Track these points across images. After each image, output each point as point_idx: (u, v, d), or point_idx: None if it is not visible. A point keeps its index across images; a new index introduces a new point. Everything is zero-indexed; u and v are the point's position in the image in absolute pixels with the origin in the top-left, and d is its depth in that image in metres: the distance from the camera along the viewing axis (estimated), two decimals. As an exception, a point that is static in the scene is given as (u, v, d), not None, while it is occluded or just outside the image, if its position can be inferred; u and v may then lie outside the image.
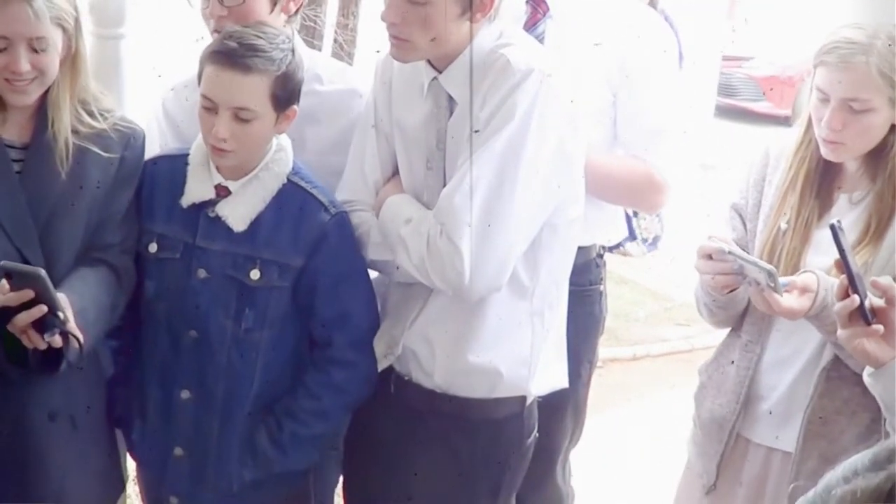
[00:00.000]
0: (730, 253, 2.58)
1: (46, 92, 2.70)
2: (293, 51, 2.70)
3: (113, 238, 2.81)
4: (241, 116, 2.65)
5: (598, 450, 5.19)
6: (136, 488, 3.39)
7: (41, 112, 2.71)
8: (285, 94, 2.68)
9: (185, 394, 2.83)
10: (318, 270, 2.76)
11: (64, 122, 2.70)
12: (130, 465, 3.28)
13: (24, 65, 2.60)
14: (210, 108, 2.67)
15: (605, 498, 5.03)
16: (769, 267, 2.52)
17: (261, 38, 2.66)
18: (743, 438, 2.87)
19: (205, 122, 2.69)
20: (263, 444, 2.83)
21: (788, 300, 2.54)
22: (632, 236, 8.30)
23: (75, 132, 2.72)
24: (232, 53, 2.64)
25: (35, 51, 2.61)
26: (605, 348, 6.30)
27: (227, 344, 2.79)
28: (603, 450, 5.34)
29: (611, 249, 3.61)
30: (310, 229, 2.75)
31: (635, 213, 7.58)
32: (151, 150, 2.92)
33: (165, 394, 2.86)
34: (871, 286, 2.29)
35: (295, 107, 2.73)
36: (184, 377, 2.83)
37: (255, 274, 2.75)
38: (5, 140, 2.71)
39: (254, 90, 2.64)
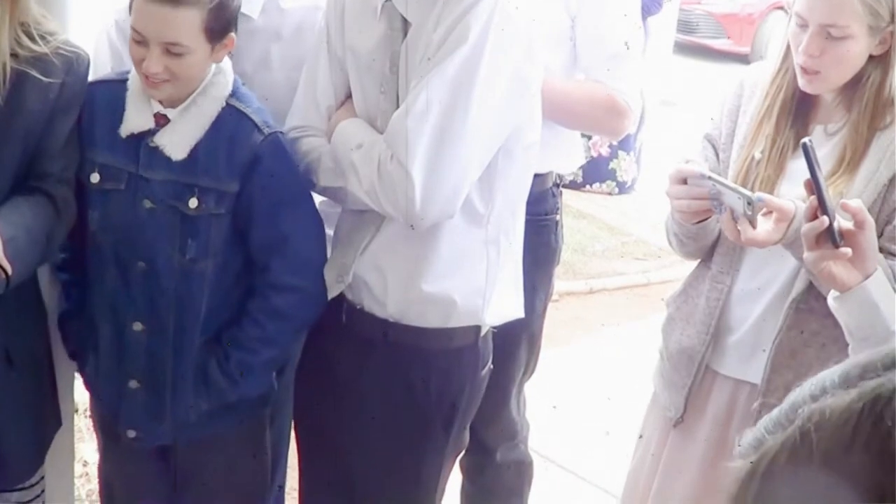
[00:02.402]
0: (709, 178, 2.54)
1: None
2: None
3: (51, 167, 2.72)
4: (172, 51, 2.58)
5: (555, 383, 5.19)
6: (89, 422, 3.37)
7: None
8: (219, 25, 2.60)
9: (137, 325, 2.79)
10: (253, 194, 2.71)
11: (2, 46, 2.60)
12: (79, 398, 3.25)
13: None
14: (140, 41, 2.59)
15: (562, 430, 5.04)
16: (749, 193, 2.48)
17: None
18: (711, 370, 2.84)
19: (135, 55, 2.62)
20: (214, 373, 2.80)
21: (760, 229, 2.50)
22: (606, 176, 8.36)
23: (14, 56, 2.62)
24: None
25: None
26: (561, 282, 6.33)
27: (175, 274, 2.74)
28: (560, 383, 5.35)
29: (579, 187, 3.59)
30: (243, 152, 2.69)
31: (615, 155, 7.61)
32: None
33: (117, 326, 2.81)
34: (841, 208, 2.27)
35: (232, 34, 2.65)
36: (135, 309, 2.79)
37: (193, 202, 2.69)
38: None
39: (184, 25, 2.56)
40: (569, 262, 6.95)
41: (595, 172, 7.95)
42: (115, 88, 2.75)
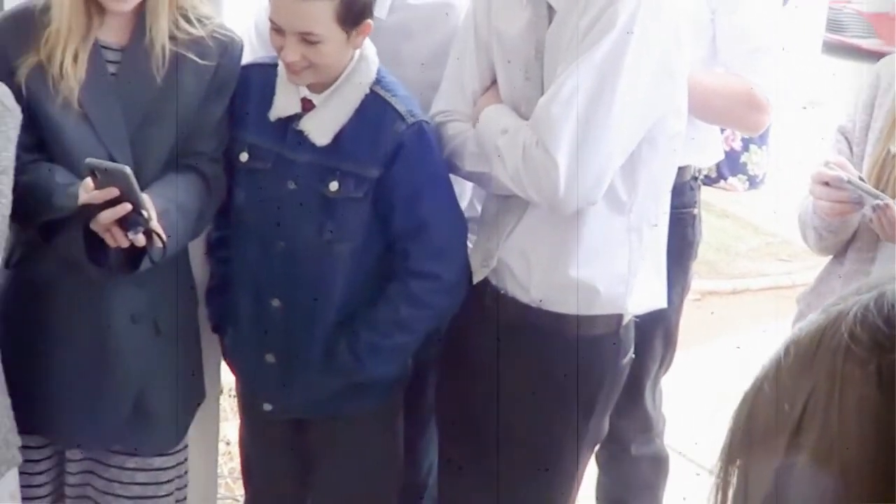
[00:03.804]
0: (848, 182, 2.52)
1: None
2: None
3: (204, 146, 2.81)
4: (308, 40, 2.62)
5: (695, 381, 5.15)
6: (233, 403, 3.45)
7: (139, 16, 2.70)
8: (352, 13, 2.63)
9: (275, 302, 2.85)
10: (394, 182, 2.74)
11: (161, 28, 2.69)
12: (225, 379, 3.33)
13: None
14: (277, 30, 2.65)
15: (699, 428, 4.99)
16: (889, 200, 2.46)
17: None
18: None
19: (275, 44, 2.68)
20: (342, 352, 2.83)
21: None
22: (738, 170, 8.26)
23: (172, 38, 2.71)
24: None
25: None
26: (705, 281, 6.28)
27: (312, 254, 2.79)
28: (699, 381, 5.30)
29: (712, 183, 3.57)
30: (386, 139, 2.73)
31: (746, 148, 7.52)
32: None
33: (256, 301, 2.88)
34: None
35: (369, 21, 2.68)
36: (273, 286, 2.85)
37: (333, 185, 2.74)
38: (102, 42, 2.72)
39: (317, 14, 2.60)
40: (712, 261, 6.88)
41: (727, 167, 7.85)
42: (266, 72, 2.82)
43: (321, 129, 2.75)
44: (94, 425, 2.83)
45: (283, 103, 2.78)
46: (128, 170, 2.53)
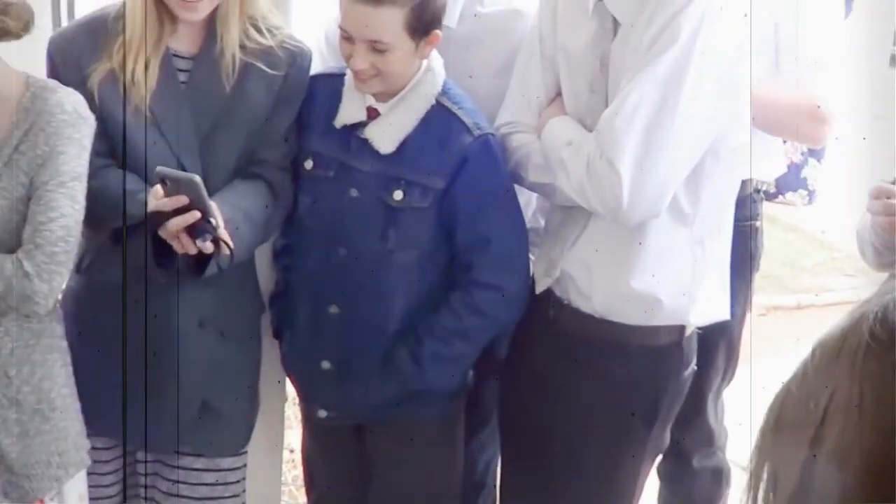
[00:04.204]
0: None
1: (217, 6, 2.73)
2: None
3: (271, 154, 2.85)
4: (376, 48, 2.66)
5: (758, 395, 5.13)
6: (297, 411, 3.48)
7: (210, 25, 2.75)
8: (422, 23, 2.66)
9: (333, 308, 2.88)
10: (459, 194, 2.77)
11: (232, 37, 2.74)
12: (290, 388, 3.37)
13: None
14: (347, 38, 2.68)
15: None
16: None
17: None
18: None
19: (344, 52, 2.72)
20: (403, 359, 2.86)
21: None
22: (798, 185, 8.16)
23: (242, 47, 2.76)
24: None
25: None
26: (769, 295, 6.25)
27: (373, 263, 2.82)
28: (764, 395, 5.28)
29: (772, 198, 3.57)
30: (451, 152, 2.75)
31: (806, 162, 7.45)
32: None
33: (315, 308, 2.91)
34: None
35: (437, 31, 2.71)
36: (333, 292, 2.88)
37: (398, 195, 2.77)
38: (173, 50, 2.77)
39: (387, 23, 2.64)
40: (777, 275, 6.85)
41: (788, 181, 7.78)
42: (333, 81, 2.86)
43: (385, 137, 2.78)
44: (162, 427, 2.87)
45: (349, 110, 2.82)
46: (198, 179, 2.58)
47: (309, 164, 2.87)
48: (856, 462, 0.94)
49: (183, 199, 2.58)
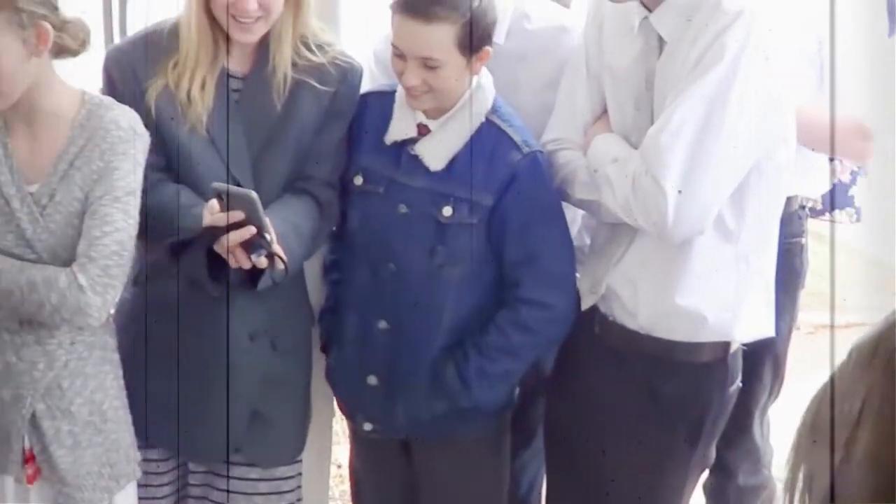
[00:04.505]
0: None
1: None
2: None
3: (318, 170, 2.89)
4: (428, 64, 2.69)
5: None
6: (344, 426, 3.50)
7: (263, 44, 2.79)
8: (473, 39, 2.69)
9: (381, 324, 2.91)
10: (508, 210, 2.79)
11: (284, 56, 2.78)
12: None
13: (252, 4, 2.67)
14: (399, 55, 2.72)
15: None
16: None
17: None
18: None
19: (396, 68, 2.75)
20: (450, 376, 2.88)
21: None
22: (846, 203, 8.08)
23: (294, 65, 2.80)
24: (414, 3, 2.67)
25: None
26: (818, 313, 6.21)
27: (422, 278, 2.85)
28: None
29: (817, 215, 3.57)
30: (501, 168, 2.78)
31: (854, 181, 7.42)
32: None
33: (363, 322, 2.94)
34: None
35: (488, 48, 2.74)
36: (381, 307, 2.90)
37: (447, 211, 2.80)
38: (227, 69, 2.81)
39: (438, 39, 2.67)
40: (825, 293, 6.81)
41: (835, 199, 7.73)
42: (383, 98, 2.89)
43: (436, 153, 2.81)
44: (214, 438, 2.90)
45: (400, 127, 2.85)
46: (254, 195, 2.61)
47: (359, 181, 2.90)
48: (888, 464, 0.95)
49: (239, 215, 2.62)
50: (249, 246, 2.65)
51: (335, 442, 3.77)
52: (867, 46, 3.20)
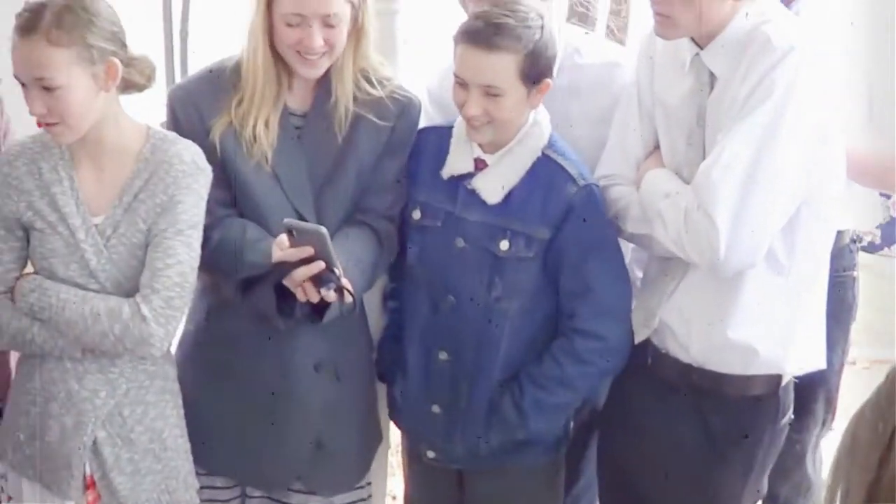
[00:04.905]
0: None
1: None
2: (542, 27, 2.74)
3: (377, 203, 2.93)
4: (490, 93, 2.73)
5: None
6: (398, 459, 3.53)
7: (323, 80, 2.84)
8: (535, 70, 2.73)
9: (443, 355, 2.95)
10: (564, 243, 2.82)
11: (346, 91, 2.83)
12: (392, 437, 3.43)
13: (318, 40, 2.72)
14: (462, 84, 2.77)
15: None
16: None
17: (508, 16, 2.71)
18: None
19: (458, 99, 2.79)
20: (506, 408, 2.91)
21: None
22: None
23: (354, 99, 2.85)
24: (478, 33, 2.72)
25: (328, 26, 2.72)
26: (874, 349, 6.16)
27: (479, 311, 2.88)
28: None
29: (875, 250, 3.57)
30: (557, 202, 2.81)
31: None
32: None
33: (425, 353, 2.98)
34: None
35: (548, 80, 2.78)
36: (442, 339, 2.95)
37: (504, 244, 2.84)
38: (289, 107, 2.86)
39: (501, 68, 2.72)
40: (882, 329, 6.76)
41: (893, 234, 7.66)
42: (440, 134, 2.94)
43: (493, 187, 2.85)
44: (276, 466, 2.96)
45: (457, 161, 2.90)
46: (323, 230, 2.66)
47: (417, 215, 2.95)
48: None
49: (308, 250, 2.67)
50: (318, 280, 2.70)
51: (390, 474, 3.80)
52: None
